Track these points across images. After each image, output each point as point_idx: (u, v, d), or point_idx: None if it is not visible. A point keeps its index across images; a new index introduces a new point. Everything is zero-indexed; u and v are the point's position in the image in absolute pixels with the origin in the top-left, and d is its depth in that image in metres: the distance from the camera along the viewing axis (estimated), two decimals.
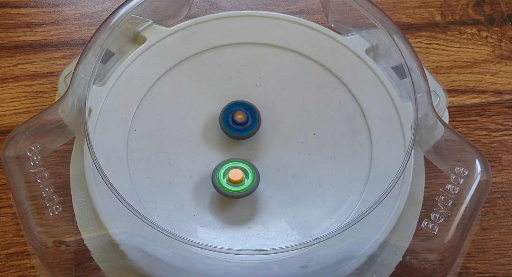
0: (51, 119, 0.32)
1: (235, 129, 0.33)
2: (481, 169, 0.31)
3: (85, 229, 0.32)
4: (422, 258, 0.30)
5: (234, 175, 0.32)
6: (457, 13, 0.45)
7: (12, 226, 0.37)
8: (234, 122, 0.33)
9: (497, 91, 0.42)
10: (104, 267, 0.32)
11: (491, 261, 0.37)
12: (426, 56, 0.44)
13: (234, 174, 0.32)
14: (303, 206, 0.32)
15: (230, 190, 0.31)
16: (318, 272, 0.31)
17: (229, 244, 0.31)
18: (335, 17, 0.37)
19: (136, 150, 0.33)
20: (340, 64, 0.35)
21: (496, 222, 0.38)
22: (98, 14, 0.45)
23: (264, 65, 0.36)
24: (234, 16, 0.37)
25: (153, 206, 0.32)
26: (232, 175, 0.32)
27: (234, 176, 0.32)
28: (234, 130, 0.33)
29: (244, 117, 0.33)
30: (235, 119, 0.33)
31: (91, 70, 0.33)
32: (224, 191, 0.31)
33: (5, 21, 0.44)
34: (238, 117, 0.33)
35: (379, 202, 0.30)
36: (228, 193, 0.31)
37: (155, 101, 0.34)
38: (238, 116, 0.33)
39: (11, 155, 0.31)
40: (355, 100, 0.35)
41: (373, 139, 0.34)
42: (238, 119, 0.33)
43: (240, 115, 0.33)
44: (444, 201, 0.31)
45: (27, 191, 0.31)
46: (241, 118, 0.33)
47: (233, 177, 0.32)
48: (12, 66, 0.43)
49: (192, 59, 0.36)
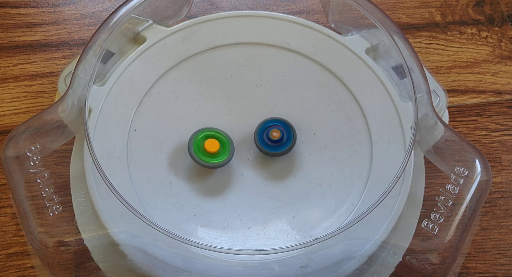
0: (51, 119, 0.32)
1: (270, 146, 0.33)
2: (481, 169, 0.31)
3: (85, 229, 0.32)
4: (422, 258, 0.30)
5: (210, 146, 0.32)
6: (457, 13, 0.45)
7: (12, 226, 0.37)
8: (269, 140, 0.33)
9: (497, 91, 0.42)
10: (104, 267, 0.32)
11: (491, 261, 0.37)
12: (426, 56, 0.44)
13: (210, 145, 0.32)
14: (303, 206, 0.32)
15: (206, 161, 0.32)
16: (318, 272, 0.31)
17: (229, 244, 0.31)
18: (335, 17, 0.37)
19: (136, 150, 0.33)
20: (340, 64, 0.35)
21: (496, 222, 0.38)
22: (98, 14, 0.45)
23: (264, 65, 0.36)
24: (234, 16, 0.37)
25: (153, 206, 0.32)
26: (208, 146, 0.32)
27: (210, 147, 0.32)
28: (269, 147, 0.33)
29: (279, 135, 0.32)
30: (269, 136, 0.33)
31: (91, 70, 0.33)
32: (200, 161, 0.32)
33: (5, 21, 0.44)
34: (273, 135, 0.32)
35: (379, 202, 0.30)
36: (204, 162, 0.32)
37: (155, 101, 0.34)
38: (273, 134, 0.32)
39: (11, 155, 0.31)
40: (355, 100, 0.35)
41: (373, 139, 0.34)
42: (273, 136, 0.32)
43: (275, 133, 0.32)
44: (444, 201, 0.31)
45: (27, 191, 0.31)
46: (276, 136, 0.32)
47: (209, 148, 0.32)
48: (12, 66, 0.43)
49: (192, 59, 0.36)
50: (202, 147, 0.32)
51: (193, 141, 0.32)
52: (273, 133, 0.32)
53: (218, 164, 0.32)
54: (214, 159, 0.32)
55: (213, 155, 0.32)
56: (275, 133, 0.32)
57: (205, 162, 0.32)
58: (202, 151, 0.32)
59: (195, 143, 0.32)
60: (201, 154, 0.32)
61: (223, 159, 0.32)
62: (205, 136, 0.32)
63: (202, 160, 0.32)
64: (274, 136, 0.32)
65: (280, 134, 0.32)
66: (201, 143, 0.32)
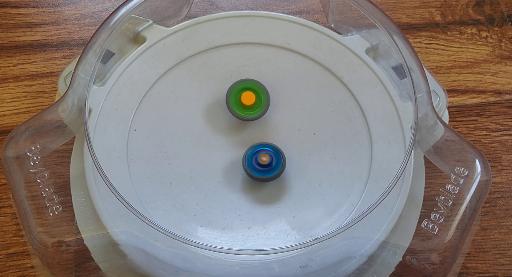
0: (51, 119, 0.32)
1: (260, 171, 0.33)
2: (481, 169, 0.31)
3: (85, 229, 0.32)
4: (422, 258, 0.30)
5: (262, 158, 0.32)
6: (457, 13, 0.45)
7: (12, 226, 0.37)
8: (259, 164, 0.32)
9: (497, 91, 0.42)
10: (104, 267, 0.32)
11: (491, 261, 0.37)
12: (426, 56, 0.44)
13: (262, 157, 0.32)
14: (303, 206, 0.32)
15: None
16: (318, 272, 0.31)
17: (229, 244, 0.31)
18: (335, 17, 0.37)
19: (136, 150, 0.33)
20: (340, 64, 0.35)
21: (496, 222, 0.38)
22: (98, 14, 0.45)
23: (264, 65, 0.36)
24: (234, 16, 0.37)
25: (153, 206, 0.32)
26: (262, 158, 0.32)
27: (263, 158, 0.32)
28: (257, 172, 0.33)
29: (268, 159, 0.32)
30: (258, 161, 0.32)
31: (91, 70, 0.33)
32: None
33: (5, 21, 0.44)
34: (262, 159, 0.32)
35: (379, 202, 0.30)
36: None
37: (155, 101, 0.34)
38: (262, 158, 0.32)
39: (11, 155, 0.31)
40: (355, 100, 0.35)
41: (373, 139, 0.34)
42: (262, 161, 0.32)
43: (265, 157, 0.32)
44: (444, 201, 0.31)
45: (27, 191, 0.31)
46: (265, 160, 0.32)
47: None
48: (12, 66, 0.43)
49: (192, 59, 0.36)
50: (239, 100, 0.33)
51: (231, 93, 0.33)
52: (262, 158, 0.32)
53: (253, 117, 0.33)
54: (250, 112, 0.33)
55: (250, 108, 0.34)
56: (264, 158, 0.32)
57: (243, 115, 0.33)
58: (239, 104, 0.33)
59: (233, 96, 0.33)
60: (238, 108, 0.33)
61: (258, 112, 0.33)
62: (242, 88, 0.34)
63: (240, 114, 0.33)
64: (263, 161, 0.32)
65: (269, 158, 0.32)
66: (238, 96, 0.33)
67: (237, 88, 0.34)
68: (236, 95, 0.34)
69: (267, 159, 0.32)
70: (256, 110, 0.34)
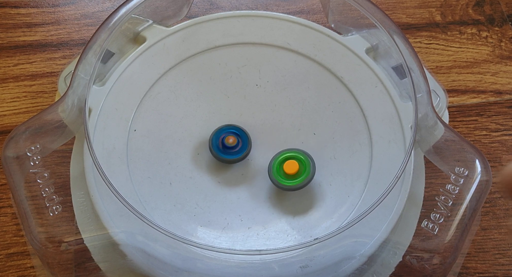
0: (51, 119, 0.32)
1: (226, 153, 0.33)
2: (481, 169, 0.31)
3: (85, 229, 0.32)
4: (422, 258, 0.30)
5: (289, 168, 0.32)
6: (457, 13, 0.45)
7: (12, 226, 0.37)
8: (224, 146, 0.33)
9: (497, 91, 0.42)
10: (104, 267, 0.32)
11: (491, 261, 0.37)
12: (426, 56, 0.44)
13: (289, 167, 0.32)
14: (303, 206, 0.32)
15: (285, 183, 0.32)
16: (318, 272, 0.31)
17: (229, 244, 0.31)
18: (335, 17, 0.37)
19: (136, 150, 0.33)
20: (340, 64, 0.35)
21: (496, 222, 0.38)
22: (98, 14, 0.45)
23: (264, 65, 0.36)
24: (234, 16, 0.37)
25: (153, 206, 0.32)
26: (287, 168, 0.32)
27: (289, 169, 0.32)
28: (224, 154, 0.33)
29: (235, 141, 0.33)
30: (225, 143, 0.33)
31: (91, 70, 0.33)
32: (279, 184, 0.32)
33: (5, 21, 0.44)
34: (229, 141, 0.33)
35: (379, 202, 0.30)
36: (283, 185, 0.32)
37: (155, 101, 0.34)
38: (229, 140, 0.33)
39: (11, 155, 0.31)
40: (355, 100, 0.35)
41: (373, 139, 0.34)
42: (229, 142, 0.33)
43: (231, 139, 0.33)
44: (444, 201, 0.31)
45: (27, 191, 0.31)
46: (232, 142, 0.33)
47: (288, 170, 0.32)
48: (12, 66, 0.43)
49: (192, 59, 0.36)
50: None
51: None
52: (229, 140, 0.33)
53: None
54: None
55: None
56: (231, 140, 0.33)
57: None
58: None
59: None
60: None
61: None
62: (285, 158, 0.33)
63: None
64: (230, 143, 0.33)
65: (236, 140, 0.33)
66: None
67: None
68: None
69: (234, 141, 0.33)
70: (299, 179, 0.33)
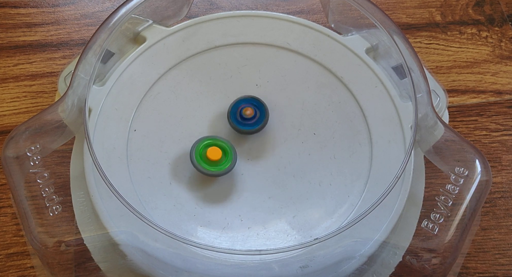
0: (51, 119, 0.32)
1: (243, 124, 0.33)
2: (481, 169, 0.31)
3: (85, 229, 0.32)
4: (422, 258, 0.30)
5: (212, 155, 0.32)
6: (457, 13, 0.45)
7: (12, 226, 0.37)
8: (242, 117, 0.33)
9: (497, 91, 0.42)
10: (104, 267, 0.32)
11: (491, 261, 0.37)
12: (426, 56, 0.44)
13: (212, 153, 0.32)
14: (303, 206, 0.32)
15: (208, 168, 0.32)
16: (318, 272, 0.31)
17: (229, 244, 0.31)
18: (335, 17, 0.37)
19: (136, 150, 0.33)
20: (340, 64, 0.35)
21: (496, 222, 0.38)
22: (98, 14, 0.45)
23: (264, 65, 0.36)
24: (234, 16, 0.37)
25: (153, 206, 0.32)
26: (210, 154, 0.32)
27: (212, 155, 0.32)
28: (242, 125, 0.33)
29: (252, 112, 0.33)
30: (243, 114, 0.33)
31: (91, 70, 0.33)
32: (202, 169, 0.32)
33: (5, 21, 0.44)
34: (246, 113, 0.33)
35: (379, 202, 0.30)
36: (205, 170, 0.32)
37: (155, 101, 0.34)
38: (246, 112, 0.33)
39: (11, 155, 0.31)
40: (355, 100, 0.35)
41: (373, 139, 0.34)
42: (247, 114, 0.33)
43: (249, 111, 0.33)
44: (444, 201, 0.31)
45: (27, 191, 0.31)
46: (249, 113, 0.33)
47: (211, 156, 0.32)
48: (12, 66, 0.43)
49: (192, 59, 0.36)
50: (205, 156, 0.32)
51: (195, 149, 0.32)
52: (246, 111, 0.33)
53: (220, 172, 0.32)
54: (216, 167, 0.32)
55: (216, 163, 0.32)
56: (248, 111, 0.33)
57: (208, 170, 0.32)
58: (205, 159, 0.32)
59: (197, 152, 0.32)
60: (203, 163, 0.32)
61: (225, 167, 0.32)
62: (207, 144, 0.32)
63: (205, 169, 0.32)
64: (248, 114, 0.33)
65: (253, 111, 0.33)
66: (204, 151, 0.32)
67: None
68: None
69: (251, 112, 0.33)
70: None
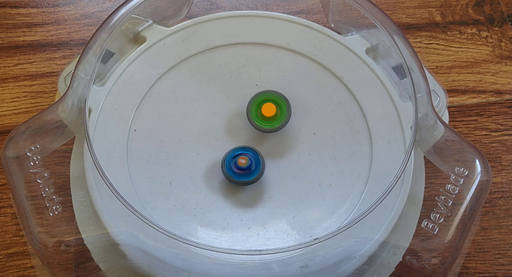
0: (51, 119, 0.32)
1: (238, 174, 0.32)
2: (481, 169, 0.31)
3: (85, 229, 0.32)
4: (422, 258, 0.30)
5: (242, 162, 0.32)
6: (457, 13, 0.45)
7: (12, 226, 0.37)
8: (237, 167, 0.32)
9: (497, 91, 0.42)
10: (104, 267, 0.32)
11: (491, 261, 0.37)
12: (426, 56, 0.44)
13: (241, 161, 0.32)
14: (303, 206, 0.32)
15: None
16: (318, 272, 0.31)
17: (229, 244, 0.31)
18: (335, 17, 0.37)
19: (136, 150, 0.33)
20: (340, 64, 0.35)
21: (496, 222, 0.38)
22: (98, 14, 0.45)
23: (264, 65, 0.36)
24: (234, 16, 0.37)
25: (153, 206, 0.32)
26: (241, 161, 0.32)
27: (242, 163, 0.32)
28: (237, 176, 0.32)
29: (247, 162, 0.32)
30: (238, 164, 0.32)
31: (91, 70, 0.33)
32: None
33: (5, 21, 0.44)
34: (241, 162, 0.32)
35: (379, 202, 0.30)
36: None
37: (155, 101, 0.34)
38: (241, 161, 0.32)
39: (11, 155, 0.31)
40: (355, 100, 0.35)
41: (373, 139, 0.34)
42: (240, 163, 0.32)
43: (243, 160, 0.32)
44: (444, 201, 0.31)
45: (27, 191, 0.31)
46: (244, 163, 0.32)
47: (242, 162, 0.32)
48: (12, 66, 0.43)
49: (192, 59, 0.36)
50: (260, 112, 0.33)
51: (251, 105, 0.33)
52: (240, 161, 0.32)
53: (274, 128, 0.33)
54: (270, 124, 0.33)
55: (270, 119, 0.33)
56: (243, 160, 0.32)
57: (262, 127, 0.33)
58: (260, 115, 0.33)
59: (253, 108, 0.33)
60: (258, 119, 0.33)
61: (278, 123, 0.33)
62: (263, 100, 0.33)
63: (260, 126, 0.33)
64: (242, 163, 0.32)
65: (248, 161, 0.32)
66: (259, 108, 0.33)
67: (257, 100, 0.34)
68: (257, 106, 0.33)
69: (246, 161, 0.32)
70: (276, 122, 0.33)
